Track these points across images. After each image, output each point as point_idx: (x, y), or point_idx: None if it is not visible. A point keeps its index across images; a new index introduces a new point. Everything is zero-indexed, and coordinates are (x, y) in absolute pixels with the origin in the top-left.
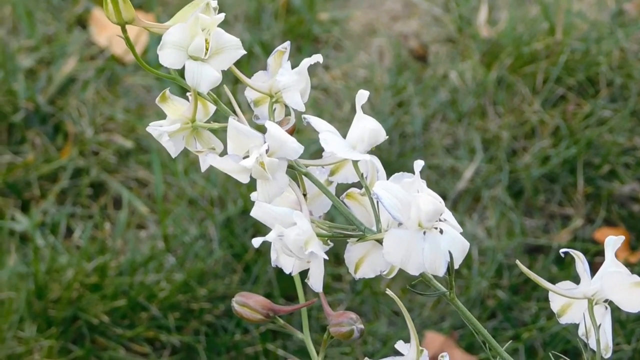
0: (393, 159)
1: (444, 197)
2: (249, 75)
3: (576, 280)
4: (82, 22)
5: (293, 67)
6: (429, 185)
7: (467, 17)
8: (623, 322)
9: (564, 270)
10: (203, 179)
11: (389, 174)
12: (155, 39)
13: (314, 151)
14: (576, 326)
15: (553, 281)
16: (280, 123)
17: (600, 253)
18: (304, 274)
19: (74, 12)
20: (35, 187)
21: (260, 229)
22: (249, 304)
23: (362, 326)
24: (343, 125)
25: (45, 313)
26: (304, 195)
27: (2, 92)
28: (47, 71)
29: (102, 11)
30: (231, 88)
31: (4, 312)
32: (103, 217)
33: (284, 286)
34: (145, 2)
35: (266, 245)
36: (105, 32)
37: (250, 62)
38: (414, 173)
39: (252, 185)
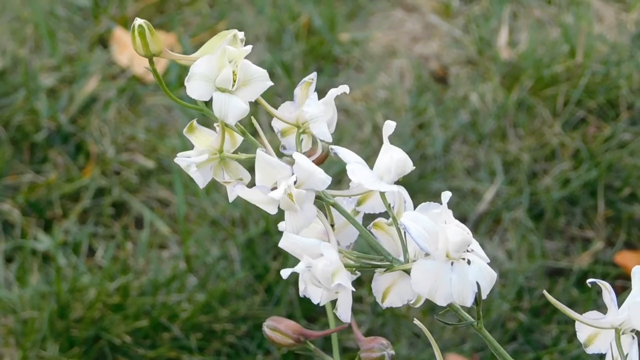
0: (413, 180)
1: (464, 219)
2: (270, 96)
3: (596, 304)
4: (103, 42)
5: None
6: (449, 207)
7: (487, 39)
8: None
9: (585, 293)
10: (225, 199)
11: (409, 195)
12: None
13: (334, 173)
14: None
15: (574, 304)
16: (307, 154)
17: (621, 276)
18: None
19: (95, 31)
20: (57, 206)
21: (282, 250)
22: (280, 328)
23: (392, 352)
24: (364, 146)
25: (67, 333)
26: (332, 225)
27: (24, 111)
28: (68, 90)
29: (123, 31)
30: (251, 111)
31: (26, 332)
32: (125, 237)
33: (305, 307)
34: (167, 23)
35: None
36: (126, 51)
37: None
38: (434, 195)
39: (271, 213)
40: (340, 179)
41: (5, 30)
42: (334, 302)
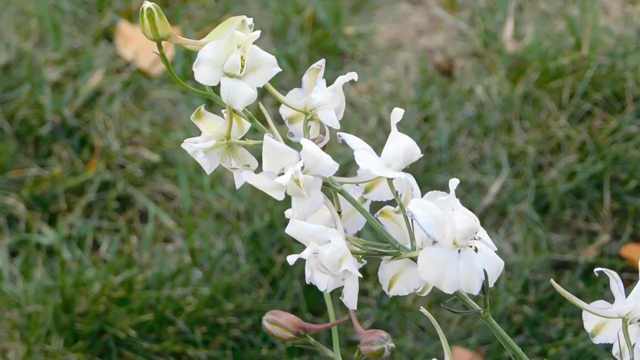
0: (419, 173)
1: None
2: (275, 89)
3: (602, 296)
4: (108, 35)
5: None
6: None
7: (492, 32)
8: None
9: (591, 286)
10: (229, 192)
11: None
12: (181, 52)
13: (342, 165)
14: (604, 343)
15: (580, 297)
16: (314, 140)
17: (627, 269)
18: (333, 291)
19: (100, 25)
20: (62, 200)
21: (287, 243)
22: (279, 322)
23: (392, 345)
24: (369, 139)
25: (72, 327)
26: (339, 212)
27: (28, 105)
28: (73, 84)
29: (128, 24)
30: (260, 101)
31: (31, 326)
32: (130, 231)
33: (310, 301)
34: (171, 16)
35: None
36: (131, 45)
37: (277, 75)
38: (440, 188)
39: (278, 199)
40: (346, 171)
41: (10, 24)
42: (335, 294)
